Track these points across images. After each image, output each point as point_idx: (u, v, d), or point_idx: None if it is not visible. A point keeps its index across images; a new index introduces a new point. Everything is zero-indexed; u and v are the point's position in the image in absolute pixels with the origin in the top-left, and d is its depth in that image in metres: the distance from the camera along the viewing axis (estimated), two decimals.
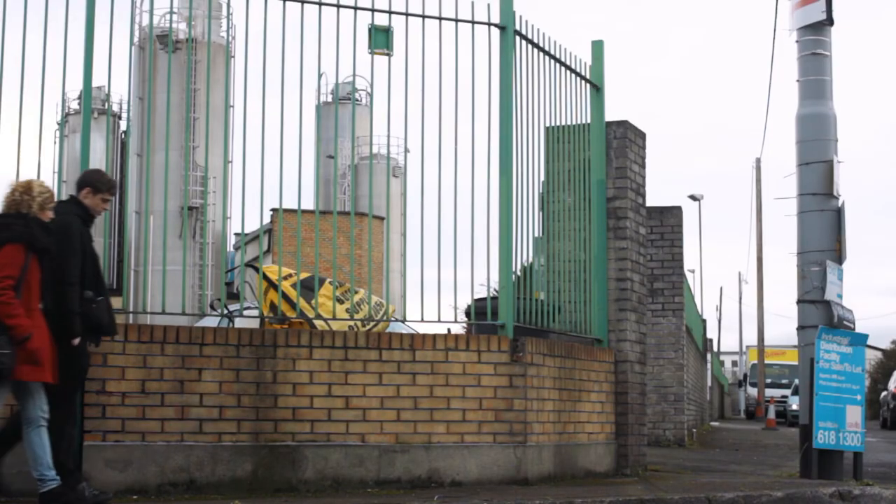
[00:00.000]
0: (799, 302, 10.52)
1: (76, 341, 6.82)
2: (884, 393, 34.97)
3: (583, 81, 9.90)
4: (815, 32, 10.60)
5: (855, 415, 10.24)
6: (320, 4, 8.32)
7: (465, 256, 8.49)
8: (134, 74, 35.86)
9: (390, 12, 8.54)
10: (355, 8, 8.38)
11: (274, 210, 23.59)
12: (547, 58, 9.36)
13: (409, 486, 7.83)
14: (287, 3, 8.16)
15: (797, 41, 10.72)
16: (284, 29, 8.19)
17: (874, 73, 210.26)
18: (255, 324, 8.68)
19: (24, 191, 6.68)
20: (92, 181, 7.25)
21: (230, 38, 36.83)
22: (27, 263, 6.49)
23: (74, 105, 46.86)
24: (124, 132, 49.40)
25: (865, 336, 10.53)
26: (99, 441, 7.25)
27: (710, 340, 42.32)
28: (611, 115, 10.13)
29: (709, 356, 36.58)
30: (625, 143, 9.99)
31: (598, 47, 10.11)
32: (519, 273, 8.83)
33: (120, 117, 49.12)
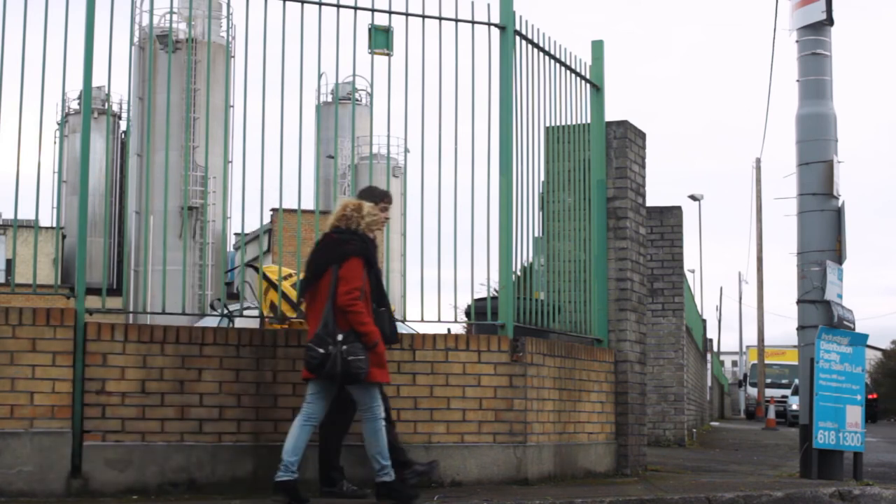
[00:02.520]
0: (799, 302, 10.52)
1: None
2: None
3: (583, 81, 9.91)
4: (815, 32, 10.60)
5: (855, 415, 10.24)
6: (320, 4, 8.32)
7: (465, 256, 8.50)
8: (134, 74, 35.86)
9: (390, 12, 8.54)
10: (355, 8, 8.38)
11: (274, 210, 23.60)
12: (547, 58, 9.37)
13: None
14: (287, 3, 8.16)
15: (797, 41, 10.72)
16: (284, 29, 8.19)
17: (874, 73, 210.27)
18: (255, 324, 8.68)
19: (354, 208, 7.31)
20: (368, 196, 7.76)
21: (230, 38, 36.82)
22: (364, 276, 7.10)
23: (74, 105, 46.93)
24: (124, 132, 49.49)
25: (865, 336, 10.53)
26: (99, 441, 7.25)
27: (710, 340, 42.33)
28: (611, 114, 10.14)
29: (709, 356, 36.59)
30: (625, 143, 9.99)
31: (597, 47, 10.11)
32: (519, 273, 8.83)
33: (120, 117, 49.15)
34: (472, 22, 8.70)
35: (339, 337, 6.90)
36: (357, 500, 7.33)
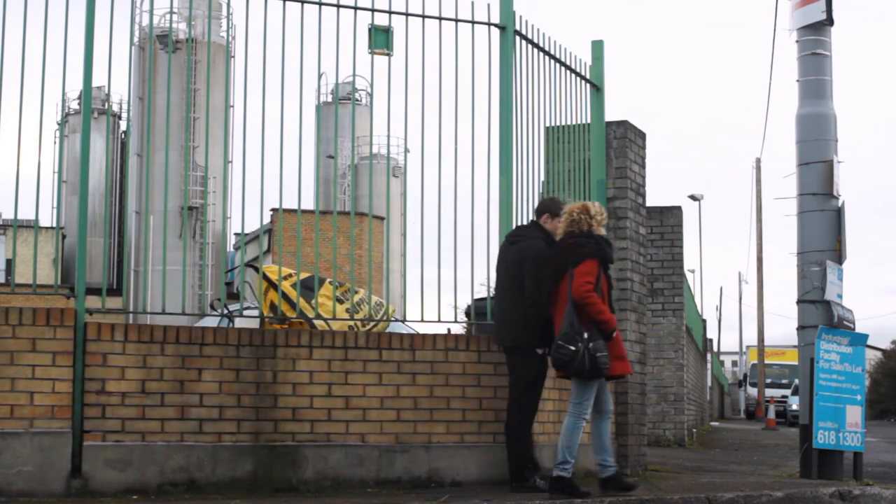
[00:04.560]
0: (799, 302, 10.52)
1: (541, 351, 7.73)
2: None
3: (583, 81, 9.90)
4: (815, 32, 10.60)
5: (855, 415, 10.24)
6: (320, 4, 8.32)
7: (465, 256, 8.50)
8: (134, 74, 35.85)
9: (390, 12, 8.54)
10: (355, 8, 8.38)
11: (274, 210, 23.60)
12: (547, 58, 9.37)
13: (409, 486, 7.83)
14: (287, 3, 8.16)
15: (797, 41, 10.72)
16: (284, 29, 8.20)
17: (874, 73, 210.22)
18: (255, 324, 8.68)
19: (581, 211, 7.61)
20: (549, 208, 8.07)
21: (230, 38, 36.82)
22: (600, 275, 7.47)
23: (74, 105, 46.92)
24: (124, 132, 49.48)
25: (865, 336, 10.53)
26: (99, 441, 7.24)
27: (710, 340, 42.33)
28: (611, 114, 10.14)
29: (709, 356, 36.60)
30: (625, 143, 9.99)
31: (597, 47, 10.11)
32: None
33: (120, 117, 49.15)
34: (472, 22, 8.71)
35: (585, 335, 7.28)
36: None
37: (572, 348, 7.24)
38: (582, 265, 7.41)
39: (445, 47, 8.54)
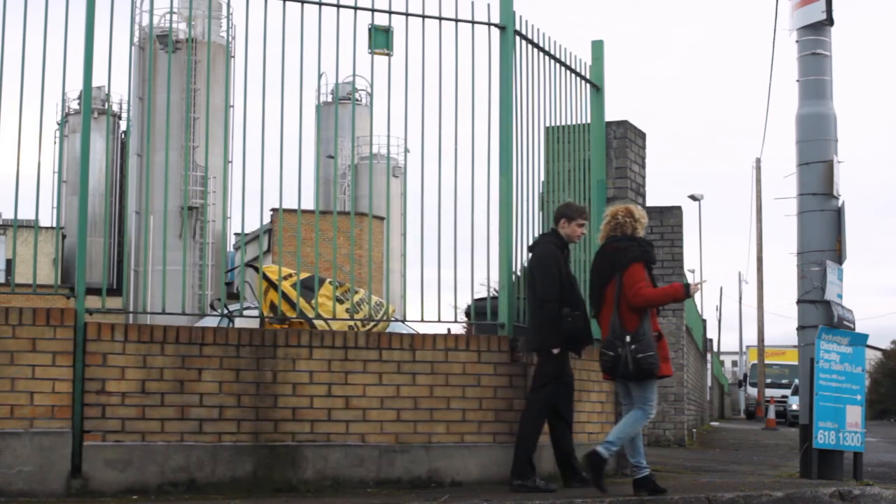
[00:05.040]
0: (799, 302, 10.52)
1: (556, 351, 7.86)
2: None
3: (583, 81, 9.90)
4: (815, 32, 10.60)
5: (855, 415, 10.24)
6: (320, 4, 8.32)
7: (465, 256, 8.50)
8: (134, 74, 35.86)
9: (390, 12, 8.54)
10: (355, 8, 8.38)
11: (274, 210, 23.60)
12: (547, 58, 9.37)
13: (409, 486, 7.83)
14: (287, 3, 8.16)
15: (797, 41, 10.72)
16: (284, 29, 8.20)
17: (874, 73, 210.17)
18: (255, 324, 8.68)
19: (626, 214, 7.75)
20: (565, 212, 8.20)
21: (230, 38, 36.82)
22: (646, 277, 7.62)
23: (74, 105, 46.93)
24: (124, 132, 49.49)
25: (865, 336, 10.53)
26: (99, 441, 7.24)
27: (710, 340, 42.30)
28: (611, 114, 10.14)
29: (709, 356, 36.59)
30: (625, 143, 10.00)
31: (597, 47, 10.11)
32: (519, 273, 8.83)
33: (120, 117, 49.16)
34: (472, 22, 8.70)
35: (627, 338, 7.43)
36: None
37: (612, 354, 7.47)
38: (630, 270, 7.54)
39: (445, 47, 8.56)
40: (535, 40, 9.17)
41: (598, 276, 7.72)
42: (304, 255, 20.19)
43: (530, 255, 8.25)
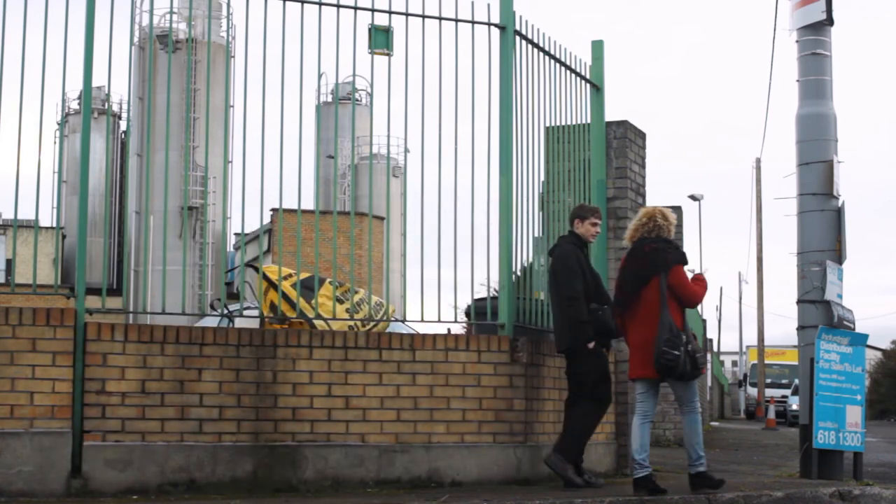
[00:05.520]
0: (799, 302, 10.52)
1: (591, 345, 7.97)
2: None
3: (583, 81, 9.90)
4: (815, 32, 10.60)
5: (855, 415, 10.24)
6: (320, 4, 8.32)
7: (465, 256, 8.50)
8: (134, 74, 35.85)
9: (390, 12, 8.54)
10: (355, 8, 8.38)
11: (274, 210, 23.60)
12: (547, 58, 9.37)
13: (409, 485, 7.83)
14: (287, 3, 8.16)
15: (797, 41, 10.72)
16: (284, 29, 8.20)
17: (874, 73, 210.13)
18: (255, 324, 8.68)
19: (663, 216, 7.86)
20: (578, 213, 8.42)
21: (230, 38, 36.82)
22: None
23: (74, 105, 46.93)
24: (124, 132, 49.49)
25: (865, 336, 10.53)
26: (99, 441, 7.24)
27: (710, 340, 42.30)
28: (611, 114, 10.14)
29: (709, 356, 36.58)
30: (625, 143, 9.99)
31: (597, 47, 10.11)
32: (519, 273, 8.84)
33: (120, 117, 49.17)
34: (472, 22, 8.70)
35: (684, 338, 7.55)
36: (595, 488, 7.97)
37: (676, 353, 7.51)
38: (675, 272, 7.71)
39: (445, 47, 8.56)
40: (535, 40, 9.17)
41: (634, 277, 7.75)
42: (304, 255, 20.19)
43: (550, 258, 8.36)
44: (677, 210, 16.32)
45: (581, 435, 8.15)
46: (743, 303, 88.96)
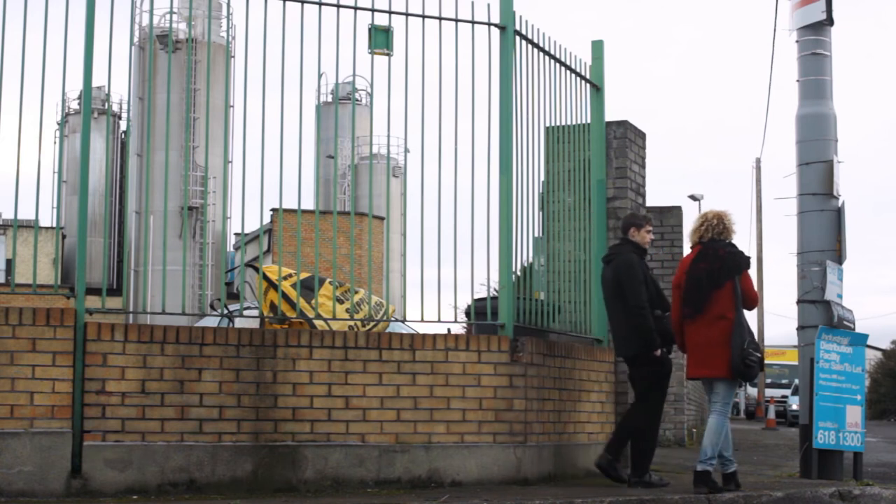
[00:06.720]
0: (799, 302, 10.52)
1: (658, 352, 8.22)
2: None
3: (583, 81, 9.90)
4: (815, 32, 10.60)
5: (855, 415, 10.24)
6: (320, 4, 8.32)
7: (465, 256, 8.50)
8: (134, 74, 35.87)
9: (390, 12, 8.54)
10: (355, 8, 8.38)
11: (274, 210, 23.62)
12: (547, 58, 9.36)
13: (409, 486, 7.83)
14: (287, 3, 8.16)
15: (797, 41, 10.72)
16: (284, 29, 8.20)
17: (874, 73, 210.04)
18: (255, 324, 8.68)
19: (730, 221, 8.00)
20: (632, 222, 8.60)
21: (230, 38, 36.84)
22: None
23: (74, 105, 46.96)
24: (124, 132, 49.52)
25: (865, 336, 10.53)
26: (99, 441, 7.24)
27: None
28: (611, 114, 10.14)
29: None
30: (625, 143, 9.99)
31: (597, 47, 10.11)
32: (519, 273, 8.83)
33: (120, 117, 49.20)
34: (472, 22, 8.70)
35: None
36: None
37: (759, 355, 7.71)
38: (745, 276, 7.89)
39: (445, 47, 8.55)
40: (535, 40, 9.17)
41: (709, 279, 7.82)
42: (304, 255, 20.20)
43: (606, 266, 8.56)
44: (677, 210, 16.33)
45: (650, 436, 8.44)
46: None
